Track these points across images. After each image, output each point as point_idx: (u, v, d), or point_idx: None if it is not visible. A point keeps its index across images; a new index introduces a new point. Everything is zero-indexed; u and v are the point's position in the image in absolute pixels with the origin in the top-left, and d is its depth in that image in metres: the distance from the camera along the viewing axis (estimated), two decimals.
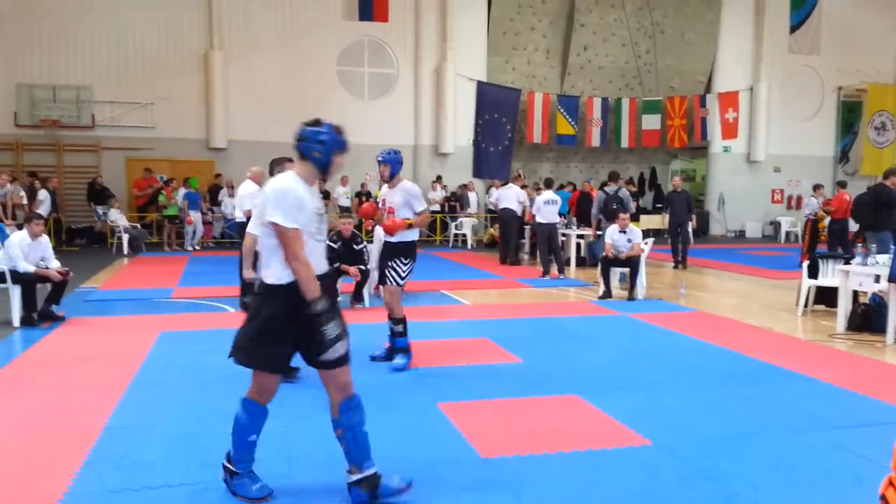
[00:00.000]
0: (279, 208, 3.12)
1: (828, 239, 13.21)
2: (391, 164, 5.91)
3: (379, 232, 6.41)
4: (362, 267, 8.39)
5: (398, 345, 5.89)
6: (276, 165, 5.66)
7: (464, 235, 17.34)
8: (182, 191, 15.81)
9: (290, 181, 3.23)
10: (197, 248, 15.90)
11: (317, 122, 3.32)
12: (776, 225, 20.78)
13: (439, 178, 18.51)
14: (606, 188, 12.15)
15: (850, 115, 21.89)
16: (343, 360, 3.21)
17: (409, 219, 5.73)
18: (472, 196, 18.49)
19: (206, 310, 8.44)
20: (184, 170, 16.91)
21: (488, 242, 16.95)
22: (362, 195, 17.47)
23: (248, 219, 8.55)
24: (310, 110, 17.82)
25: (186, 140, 17.47)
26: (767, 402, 4.90)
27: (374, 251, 8.54)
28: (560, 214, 12.46)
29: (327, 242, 8.69)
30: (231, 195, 15.20)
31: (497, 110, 19.05)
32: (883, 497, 1.68)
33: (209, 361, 5.81)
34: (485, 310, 8.63)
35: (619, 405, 4.74)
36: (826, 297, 8.47)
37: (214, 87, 17.38)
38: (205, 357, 5.93)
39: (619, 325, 7.77)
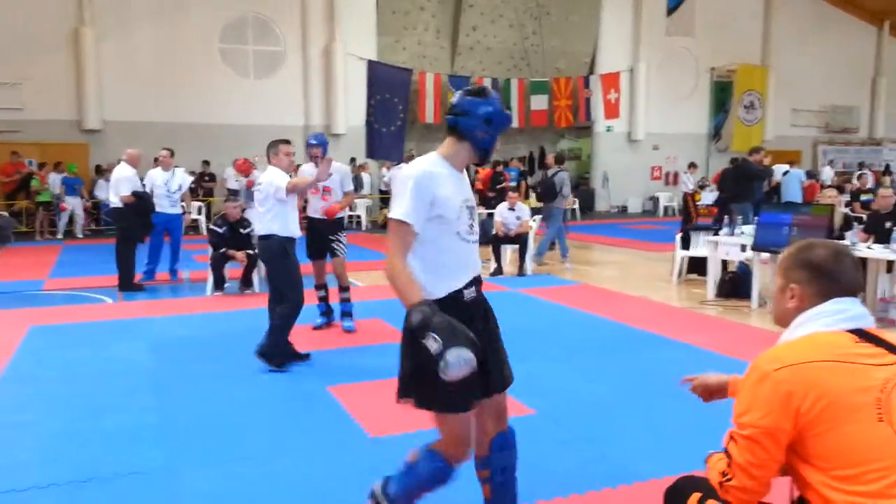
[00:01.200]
0: (399, 196, 2.45)
1: (717, 212, 13.95)
2: (323, 147, 6.26)
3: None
4: (249, 251, 8.18)
5: (349, 309, 6.58)
6: (271, 149, 5.42)
7: (358, 217, 17.21)
8: (55, 175, 14.80)
9: (428, 164, 2.50)
10: (79, 236, 15.00)
11: (482, 92, 2.58)
12: (655, 200, 21.87)
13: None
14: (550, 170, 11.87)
15: (721, 94, 23.24)
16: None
17: (340, 202, 6.52)
18: (366, 177, 18.37)
19: (81, 301, 7.98)
20: (55, 153, 15.80)
21: (382, 223, 16.92)
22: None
23: (126, 204, 8.18)
24: (191, 89, 17.23)
25: (57, 122, 16.30)
26: (644, 368, 5.19)
27: None
28: None
29: (211, 226, 8.45)
30: (107, 179, 14.39)
31: (389, 90, 18.90)
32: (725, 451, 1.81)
33: (83, 355, 5.53)
34: (378, 291, 8.61)
35: None
36: (698, 266, 9.02)
37: (86, 66, 16.28)
38: (78, 351, 5.64)
39: (509, 300, 7.97)
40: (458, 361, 2.21)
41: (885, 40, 25.11)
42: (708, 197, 21.30)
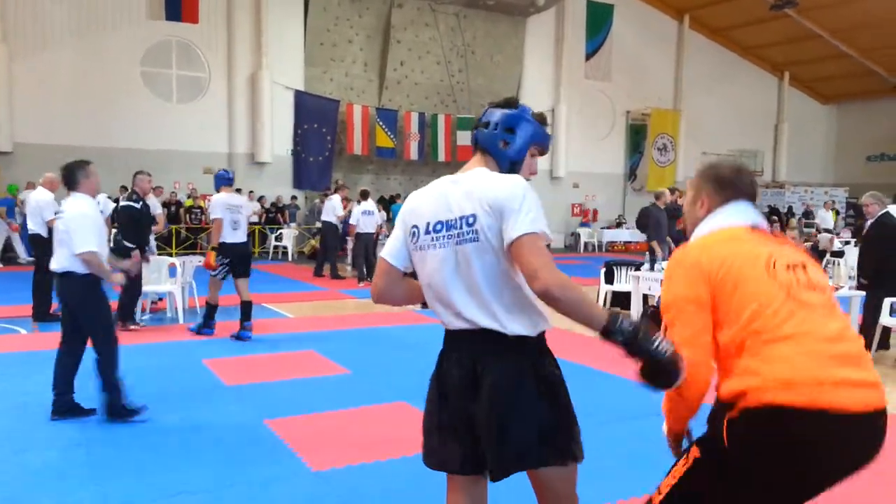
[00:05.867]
0: (534, 210, 2.00)
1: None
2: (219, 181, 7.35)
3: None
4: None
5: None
6: (80, 171, 4.88)
7: (284, 247, 16.96)
8: None
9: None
10: None
11: (509, 103, 2.23)
12: (576, 236, 22.57)
13: (251, 193, 18.01)
14: None
15: (637, 136, 24.35)
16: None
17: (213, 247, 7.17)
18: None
19: None
20: None
21: (310, 254, 16.74)
22: (171, 205, 16.48)
23: (51, 230, 7.81)
24: (110, 112, 16.69)
25: None
26: (578, 400, 5.34)
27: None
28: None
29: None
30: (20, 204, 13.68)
31: (316, 120, 18.90)
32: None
33: None
34: (309, 322, 8.53)
35: None
36: (621, 300, 9.37)
37: None
38: None
39: (442, 332, 8.02)
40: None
41: (785, 89, 27.02)
42: (624, 234, 22.24)
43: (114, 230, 8.71)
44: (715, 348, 1.96)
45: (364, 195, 12.75)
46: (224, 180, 7.46)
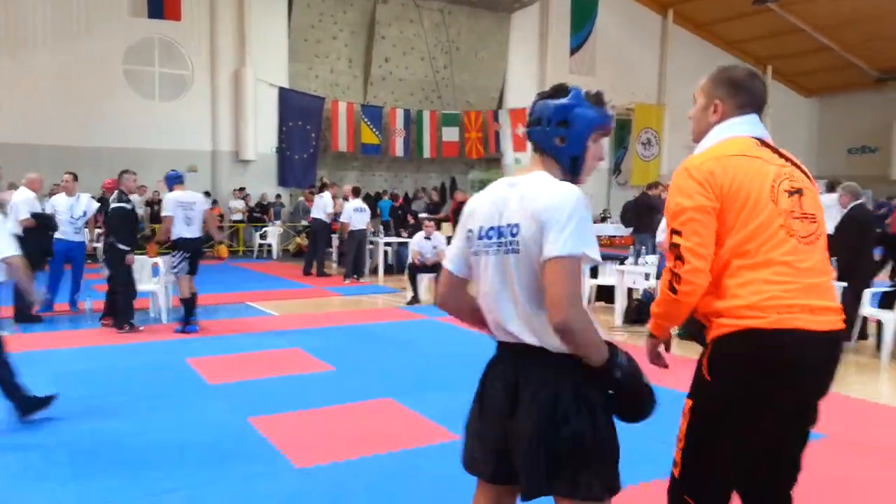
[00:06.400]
0: (579, 228, 1.84)
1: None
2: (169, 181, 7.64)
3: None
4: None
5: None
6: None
7: (269, 245, 16.89)
8: None
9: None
10: None
11: (558, 91, 2.03)
12: None
13: (242, 189, 17.94)
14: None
15: (621, 131, 24.41)
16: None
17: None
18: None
19: None
20: None
21: (295, 252, 16.67)
22: (154, 204, 16.35)
23: (26, 230, 7.76)
24: (92, 110, 16.53)
25: None
26: None
27: None
28: (384, 222, 12.82)
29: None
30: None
31: (301, 117, 18.82)
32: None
33: None
34: (294, 320, 8.50)
35: (432, 405, 4.93)
36: (605, 294, 9.40)
37: None
38: None
39: (428, 329, 8.05)
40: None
41: (768, 83, 27.17)
42: (609, 229, 22.33)
43: (97, 231, 8.66)
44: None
45: (356, 192, 12.81)
46: (175, 179, 7.71)
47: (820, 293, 2.02)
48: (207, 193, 17.93)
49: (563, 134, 1.96)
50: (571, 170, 1.99)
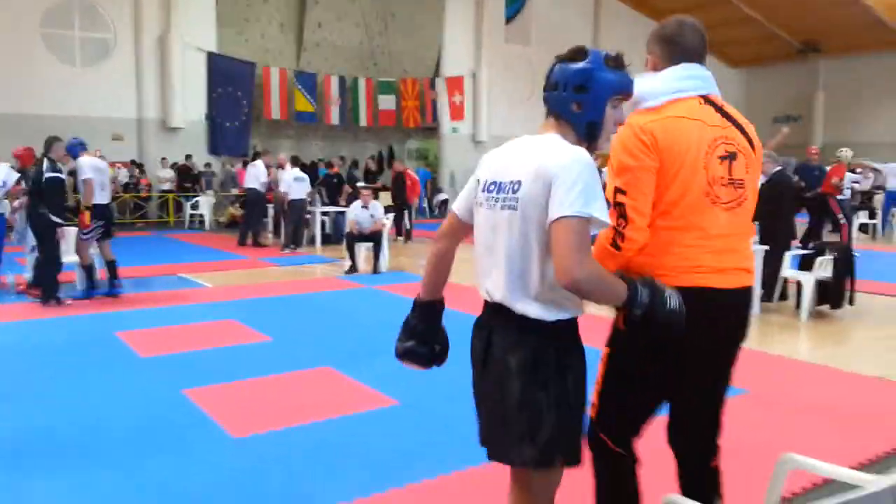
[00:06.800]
0: (590, 188, 1.80)
1: None
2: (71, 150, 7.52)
3: None
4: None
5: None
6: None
7: (201, 216, 16.45)
8: None
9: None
10: None
11: (577, 54, 1.94)
12: None
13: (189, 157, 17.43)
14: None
15: None
16: None
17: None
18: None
19: None
20: None
21: (228, 223, 16.28)
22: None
23: None
24: (10, 76, 15.63)
25: None
26: None
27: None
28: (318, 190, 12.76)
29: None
30: None
31: (231, 84, 18.26)
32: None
33: None
34: (229, 291, 8.34)
35: (370, 372, 4.94)
36: None
37: None
38: None
39: (366, 298, 8.03)
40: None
41: None
42: None
43: (16, 202, 8.24)
44: None
45: (294, 161, 12.66)
46: (81, 146, 7.70)
47: (731, 255, 2.13)
48: (134, 162, 17.31)
49: (581, 99, 1.90)
50: (588, 136, 1.93)
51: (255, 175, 12.66)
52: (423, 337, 2.20)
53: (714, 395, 2.25)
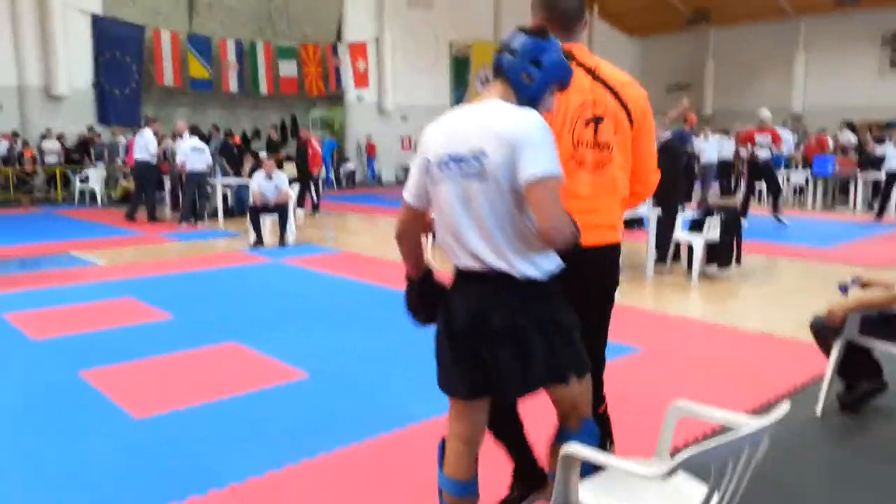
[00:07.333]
0: (553, 149, 1.93)
1: None
2: None
3: None
4: None
5: None
6: None
7: (92, 190, 15.55)
8: None
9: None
10: None
11: (541, 32, 2.04)
12: (407, 170, 22.71)
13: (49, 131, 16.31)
14: None
15: (461, 68, 24.67)
16: None
17: None
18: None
19: None
20: None
21: (121, 198, 15.46)
22: None
23: None
24: None
25: None
26: (407, 326, 5.49)
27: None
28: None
29: None
30: None
31: (119, 48, 17.25)
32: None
33: None
34: (125, 269, 7.99)
35: (278, 345, 4.89)
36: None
37: None
38: None
39: (272, 272, 7.89)
40: None
41: (595, 22, 28.45)
42: None
43: None
44: None
45: (192, 130, 12.11)
46: None
47: (595, 215, 2.31)
48: (16, 133, 16.17)
49: (532, 72, 1.99)
50: (525, 107, 2.02)
51: (143, 145, 11.89)
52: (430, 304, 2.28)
53: (596, 343, 2.40)
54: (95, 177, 15.52)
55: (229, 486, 2.95)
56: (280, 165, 11.57)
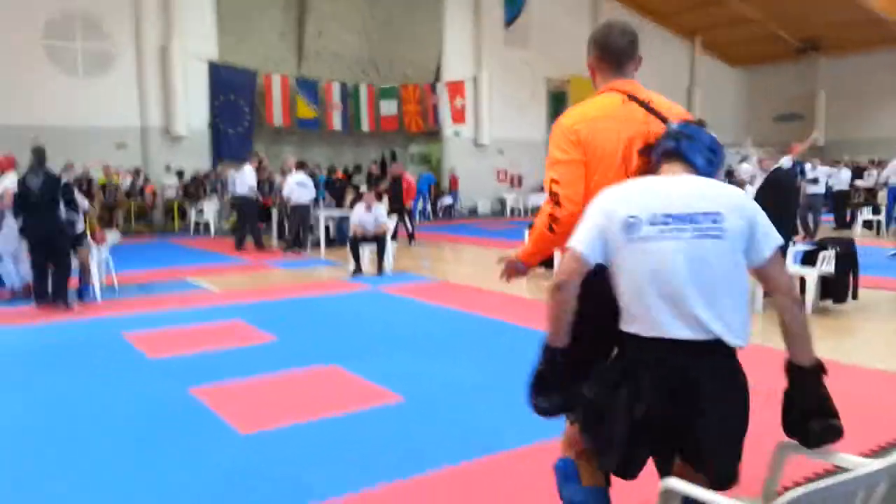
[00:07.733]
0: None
1: None
2: None
3: None
4: None
5: None
6: None
7: (206, 222, 16.48)
8: None
9: None
10: None
11: (702, 124, 2.23)
12: (503, 202, 22.84)
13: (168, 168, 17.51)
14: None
15: (558, 103, 24.68)
16: None
17: None
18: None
19: None
20: None
21: (232, 228, 16.27)
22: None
23: None
24: (13, 87, 15.75)
25: None
26: (503, 354, 5.49)
27: None
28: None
29: None
30: None
31: (233, 92, 18.37)
32: None
33: None
34: (235, 294, 8.39)
35: (375, 369, 4.98)
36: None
37: None
38: None
39: (370, 299, 8.07)
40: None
41: (697, 54, 27.88)
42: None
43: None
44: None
45: (300, 166, 12.71)
46: None
47: None
48: (138, 171, 17.41)
49: (713, 158, 2.16)
50: None
51: (241, 181, 12.57)
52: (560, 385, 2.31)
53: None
54: (209, 209, 16.47)
55: (328, 500, 3.01)
56: (379, 198, 11.89)
